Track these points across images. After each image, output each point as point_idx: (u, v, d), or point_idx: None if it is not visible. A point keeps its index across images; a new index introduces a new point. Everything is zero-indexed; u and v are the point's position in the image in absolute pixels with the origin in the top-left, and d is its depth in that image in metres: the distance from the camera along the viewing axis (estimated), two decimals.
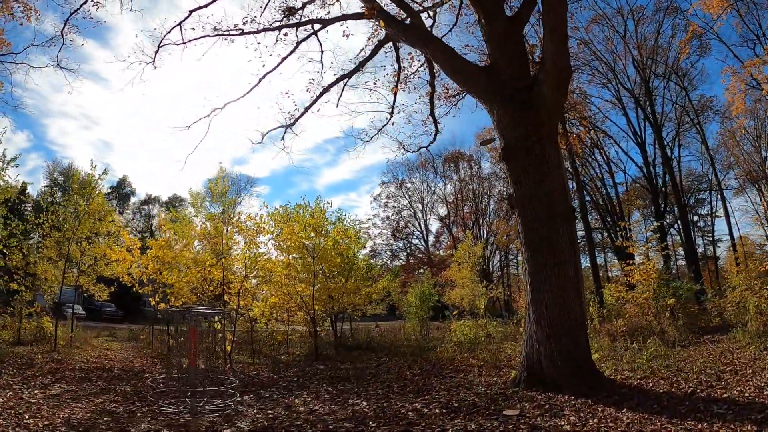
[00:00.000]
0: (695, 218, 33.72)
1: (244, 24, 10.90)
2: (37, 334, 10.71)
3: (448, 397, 6.43)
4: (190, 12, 10.55)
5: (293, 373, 9.08)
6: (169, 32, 10.98)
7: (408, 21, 9.13)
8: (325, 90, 12.50)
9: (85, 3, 10.17)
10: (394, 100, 13.44)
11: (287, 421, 5.45)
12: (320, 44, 12.05)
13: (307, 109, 12.88)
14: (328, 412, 5.85)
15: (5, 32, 12.46)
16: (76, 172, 11.63)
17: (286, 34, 11.20)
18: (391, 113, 13.54)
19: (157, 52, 11.25)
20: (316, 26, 11.24)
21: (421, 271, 34.16)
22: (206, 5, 10.41)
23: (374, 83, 12.82)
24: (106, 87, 62.55)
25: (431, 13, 11.97)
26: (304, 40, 11.44)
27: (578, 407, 5.34)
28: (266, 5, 10.79)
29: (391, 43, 11.57)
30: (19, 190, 13.51)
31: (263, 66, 13.11)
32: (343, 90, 12.77)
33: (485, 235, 37.37)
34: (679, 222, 26.85)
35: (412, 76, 12.75)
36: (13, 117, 51.53)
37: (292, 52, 11.87)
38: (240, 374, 8.61)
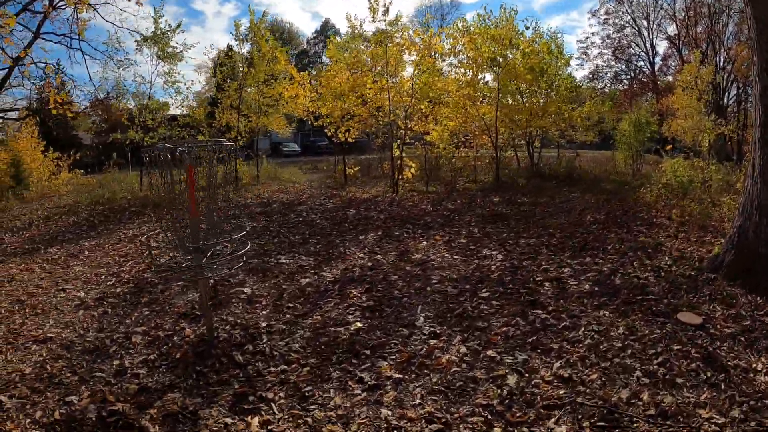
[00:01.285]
0: None
1: None
2: (226, 175, 12.49)
3: (617, 265, 4.39)
4: None
5: (456, 205, 8.06)
6: None
7: None
8: None
9: None
10: None
11: (384, 271, 4.66)
12: None
13: None
14: (443, 266, 4.73)
15: None
16: (237, 22, 11.63)
17: None
18: None
19: None
20: None
21: (646, 97, 26.39)
22: None
23: None
24: None
25: None
26: None
27: None
28: None
29: None
30: (225, 52, 14.99)
31: None
32: None
33: (722, 63, 26.16)
34: None
35: None
36: None
37: None
38: (395, 205, 8.15)
